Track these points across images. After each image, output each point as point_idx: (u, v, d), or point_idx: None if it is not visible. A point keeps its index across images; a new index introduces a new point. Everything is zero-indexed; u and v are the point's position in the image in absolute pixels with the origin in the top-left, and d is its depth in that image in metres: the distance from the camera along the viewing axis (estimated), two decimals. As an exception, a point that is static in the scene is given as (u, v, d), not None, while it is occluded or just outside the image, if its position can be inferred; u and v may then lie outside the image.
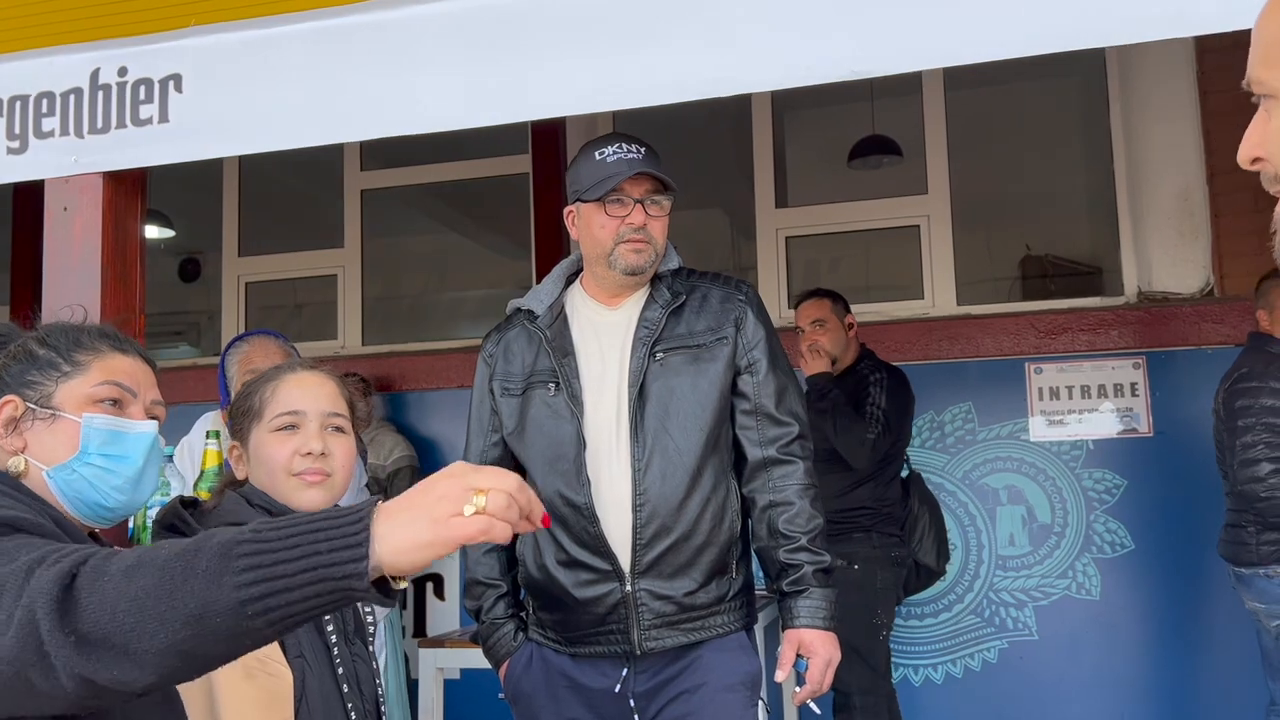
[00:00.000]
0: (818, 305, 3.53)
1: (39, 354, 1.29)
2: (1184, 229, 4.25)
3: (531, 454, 1.98)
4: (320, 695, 1.40)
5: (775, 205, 4.76)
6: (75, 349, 1.30)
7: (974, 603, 4.19)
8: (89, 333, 1.33)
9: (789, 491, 1.94)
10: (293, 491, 1.50)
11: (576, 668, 1.95)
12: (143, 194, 2.18)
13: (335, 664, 1.44)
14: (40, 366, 1.28)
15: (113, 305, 2.08)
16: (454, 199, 5.62)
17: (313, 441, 1.51)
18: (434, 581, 4.67)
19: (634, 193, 1.94)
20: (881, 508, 3.36)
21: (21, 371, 1.28)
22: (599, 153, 1.96)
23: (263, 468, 1.51)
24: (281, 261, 5.40)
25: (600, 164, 1.94)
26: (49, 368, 1.28)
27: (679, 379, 1.93)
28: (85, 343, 1.31)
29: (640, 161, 1.93)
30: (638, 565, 1.88)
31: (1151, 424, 4.10)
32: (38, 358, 1.29)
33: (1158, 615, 4.02)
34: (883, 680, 3.37)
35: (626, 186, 1.93)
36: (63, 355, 1.29)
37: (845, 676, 2.06)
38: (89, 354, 1.30)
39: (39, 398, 1.27)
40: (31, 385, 1.27)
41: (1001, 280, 5.54)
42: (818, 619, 1.91)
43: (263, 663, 1.34)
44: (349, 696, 1.44)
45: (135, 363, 1.34)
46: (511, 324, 2.09)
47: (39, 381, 1.27)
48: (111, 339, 1.33)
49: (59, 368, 1.28)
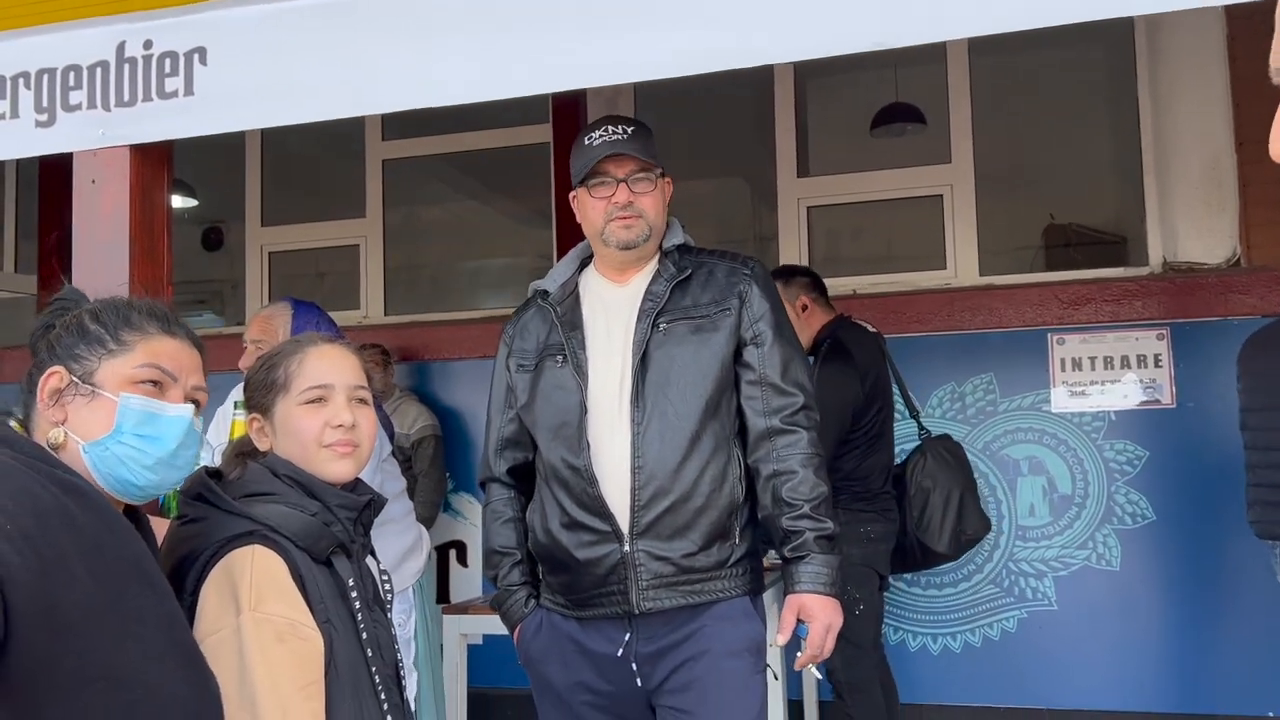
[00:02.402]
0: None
1: (89, 329, 1.32)
2: (1211, 198, 4.21)
3: (539, 423, 2.03)
4: (347, 659, 1.43)
5: (797, 174, 4.73)
6: (123, 328, 1.32)
7: (993, 573, 4.20)
8: (140, 312, 1.35)
9: (792, 460, 1.96)
10: (324, 463, 1.51)
11: (583, 632, 1.98)
12: (169, 167, 2.20)
13: (360, 630, 1.47)
14: (88, 341, 1.31)
15: (141, 278, 2.10)
16: (475, 168, 5.62)
17: (343, 413, 1.53)
18: (457, 548, 4.73)
19: (617, 173, 2.00)
20: (849, 485, 3.18)
21: (72, 344, 1.31)
22: (587, 138, 2.02)
23: (292, 439, 1.53)
24: (304, 231, 5.43)
25: (587, 149, 2.01)
26: (96, 344, 1.31)
27: (681, 348, 1.97)
28: (135, 322, 1.33)
29: (619, 143, 1.98)
30: (636, 526, 1.92)
31: (1175, 395, 4.08)
32: (88, 332, 1.32)
33: (1178, 586, 4.02)
34: (868, 655, 3.28)
35: (609, 168, 2.00)
36: (110, 333, 1.31)
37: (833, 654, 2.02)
38: (136, 334, 1.32)
39: (83, 373, 1.29)
40: (78, 359, 1.30)
41: (1024, 249, 5.51)
42: (819, 584, 1.93)
43: (294, 626, 1.36)
44: (372, 661, 1.47)
45: (182, 346, 1.36)
46: (529, 306, 2.15)
47: (85, 356, 1.30)
48: (161, 320, 1.35)
49: (105, 345, 1.31)
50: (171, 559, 1.43)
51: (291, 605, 1.38)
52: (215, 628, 1.35)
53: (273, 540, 1.41)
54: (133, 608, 1.16)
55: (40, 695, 1.05)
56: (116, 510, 1.24)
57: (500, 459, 2.13)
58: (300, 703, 1.35)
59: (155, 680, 1.16)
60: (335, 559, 1.47)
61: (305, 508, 1.46)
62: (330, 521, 1.47)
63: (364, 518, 1.56)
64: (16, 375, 1.35)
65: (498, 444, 2.13)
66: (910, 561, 3.39)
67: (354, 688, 1.43)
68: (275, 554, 1.40)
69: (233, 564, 1.38)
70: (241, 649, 1.33)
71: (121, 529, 1.20)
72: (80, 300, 1.39)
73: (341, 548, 1.49)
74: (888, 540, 3.29)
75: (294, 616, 1.37)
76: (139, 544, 1.22)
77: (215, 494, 1.45)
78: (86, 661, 1.09)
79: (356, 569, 1.52)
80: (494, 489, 2.15)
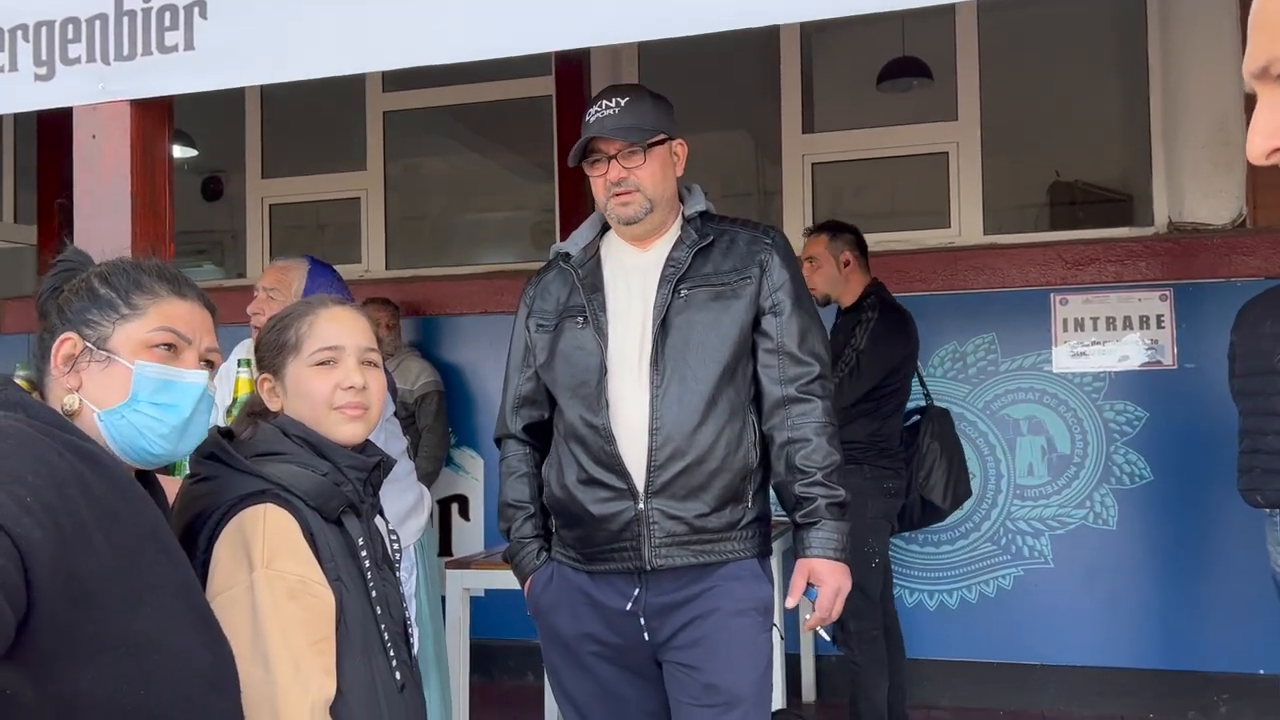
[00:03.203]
0: (814, 243, 3.51)
1: (100, 293, 1.30)
2: (1219, 158, 4.17)
3: (558, 381, 2.05)
4: (357, 617, 1.45)
5: (802, 130, 4.69)
6: (135, 291, 1.30)
7: (990, 531, 4.24)
8: (150, 274, 1.33)
9: (807, 429, 1.99)
10: (334, 425, 1.52)
11: (594, 585, 2.02)
12: (170, 122, 2.18)
13: (370, 589, 1.49)
14: (100, 306, 1.29)
15: (143, 233, 2.09)
16: (476, 121, 5.58)
17: (353, 375, 1.53)
18: (459, 502, 4.76)
19: (609, 149, 2.00)
20: (876, 442, 3.36)
21: (82, 309, 1.29)
22: (586, 115, 2.03)
23: (303, 400, 1.53)
24: (305, 184, 5.39)
25: (585, 126, 2.02)
26: (108, 308, 1.29)
27: (702, 314, 1.98)
28: (145, 285, 1.31)
29: (606, 120, 1.98)
30: (651, 485, 1.94)
31: (1176, 357, 4.09)
32: (98, 296, 1.30)
33: (1173, 546, 4.05)
34: (877, 607, 3.42)
35: (600, 145, 2.00)
36: (122, 297, 1.29)
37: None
38: (147, 297, 1.30)
39: (96, 339, 1.28)
40: (91, 324, 1.28)
41: (1029, 207, 5.48)
42: (829, 550, 1.97)
43: (305, 584, 1.38)
44: (382, 618, 1.49)
45: (193, 307, 1.34)
46: (551, 267, 2.16)
47: (98, 321, 1.28)
48: (171, 282, 1.33)
49: (118, 309, 1.29)
50: (184, 517, 1.44)
51: (303, 563, 1.39)
52: (228, 585, 1.37)
53: (284, 499, 1.42)
54: (149, 575, 1.17)
55: (59, 664, 1.06)
56: (131, 477, 1.25)
57: (517, 416, 2.16)
58: (312, 658, 1.37)
59: (173, 646, 1.17)
60: (345, 518, 1.49)
61: (316, 468, 1.47)
62: (340, 482, 1.48)
63: (373, 478, 1.57)
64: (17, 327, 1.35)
65: (514, 402, 2.15)
66: (907, 521, 3.56)
67: (364, 644, 1.45)
68: (287, 513, 1.41)
69: (245, 522, 1.40)
70: (254, 606, 1.35)
71: (137, 497, 1.20)
72: (85, 261, 1.37)
73: (351, 508, 1.50)
74: (901, 496, 3.46)
75: (306, 574, 1.39)
76: (154, 511, 1.23)
77: (228, 453, 1.46)
78: (103, 629, 1.10)
79: (366, 528, 1.53)
80: (510, 445, 2.17)
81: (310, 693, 1.35)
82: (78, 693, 1.08)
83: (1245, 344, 3.07)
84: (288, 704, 1.33)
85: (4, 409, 1.18)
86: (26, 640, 1.02)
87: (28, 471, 1.06)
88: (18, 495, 1.03)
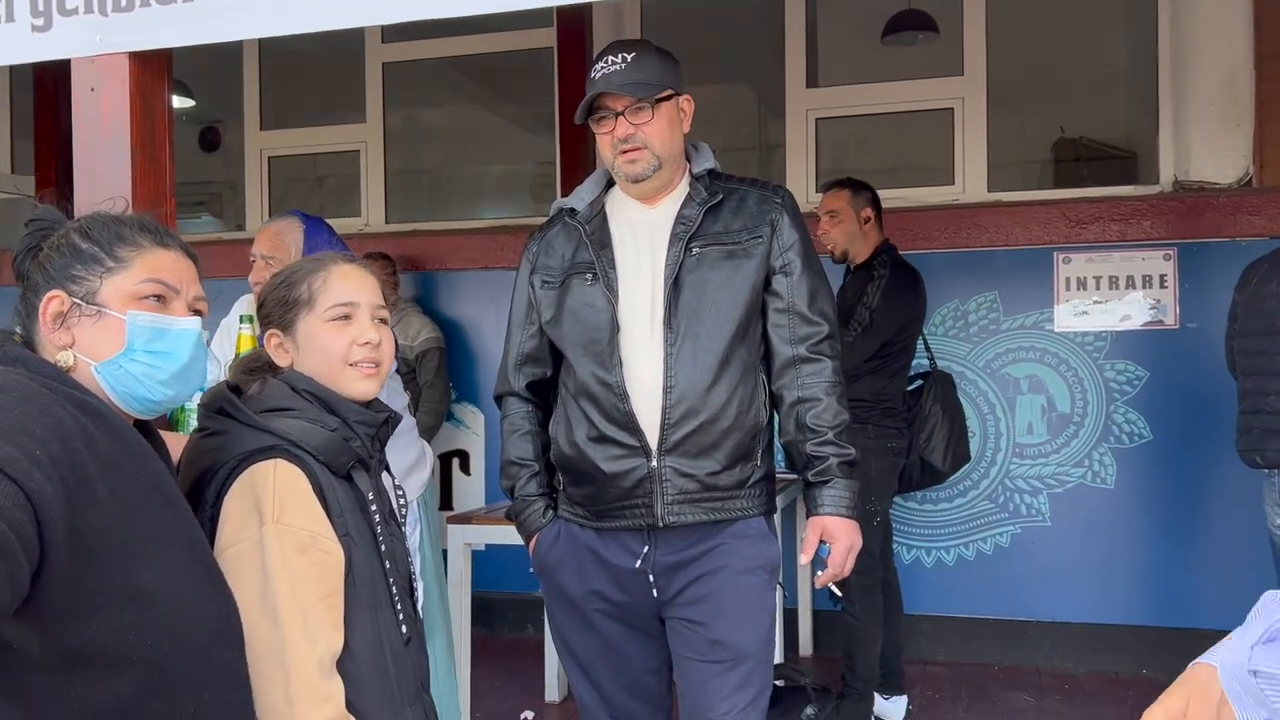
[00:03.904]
0: (835, 197, 3.53)
1: (82, 247, 1.29)
2: (1226, 115, 4.14)
3: (568, 338, 2.04)
4: (365, 571, 1.46)
5: (806, 85, 4.64)
6: (117, 243, 1.29)
7: (989, 489, 4.26)
8: (130, 225, 1.32)
9: (817, 388, 2.00)
10: (349, 382, 1.52)
11: (601, 542, 2.02)
12: (169, 74, 2.15)
13: (379, 543, 1.50)
14: (84, 261, 1.28)
15: (144, 187, 2.07)
16: (476, 73, 5.51)
17: (369, 331, 1.53)
18: (460, 457, 4.78)
19: (616, 106, 1.97)
20: (880, 401, 3.40)
21: (65, 265, 1.28)
22: (592, 71, 1.99)
23: (317, 356, 1.53)
24: (304, 136, 5.35)
25: (590, 82, 1.99)
26: (92, 262, 1.28)
27: (714, 273, 1.98)
28: (127, 237, 1.30)
29: (614, 75, 1.95)
30: (665, 443, 1.95)
31: (1178, 316, 4.08)
32: (81, 251, 1.29)
33: (1170, 505, 4.08)
34: (877, 563, 3.48)
35: (607, 101, 1.97)
36: (105, 250, 1.29)
37: None
38: (131, 249, 1.29)
39: (84, 293, 1.27)
40: (76, 280, 1.27)
41: (1034, 164, 5.44)
42: (841, 507, 1.99)
43: (315, 539, 1.39)
44: (390, 573, 1.51)
45: (177, 257, 1.33)
46: (554, 223, 2.13)
47: (84, 276, 1.27)
48: (153, 233, 1.33)
49: (102, 263, 1.28)
50: (191, 471, 1.45)
51: (313, 518, 1.40)
52: (237, 539, 1.38)
53: (294, 455, 1.43)
54: (153, 527, 1.18)
55: (64, 617, 1.07)
56: (134, 430, 1.25)
57: (519, 374, 2.14)
58: (321, 613, 1.38)
59: (178, 599, 1.18)
60: (355, 474, 1.50)
61: (325, 423, 1.47)
62: (349, 437, 1.49)
63: (381, 434, 1.57)
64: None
65: (517, 359, 2.14)
66: (906, 482, 3.61)
67: (371, 599, 1.47)
68: (297, 468, 1.42)
69: (255, 477, 1.40)
70: (264, 560, 1.36)
71: (139, 449, 1.21)
72: (59, 219, 1.35)
73: (360, 463, 1.50)
74: (903, 456, 3.51)
75: (315, 529, 1.40)
76: (157, 464, 1.23)
77: (237, 408, 1.46)
78: (106, 582, 1.10)
79: (375, 484, 1.54)
80: (512, 403, 2.16)
81: (318, 647, 1.36)
82: (84, 644, 1.10)
83: (1248, 304, 3.07)
84: (296, 657, 1.35)
85: (4, 364, 1.18)
86: (35, 593, 1.03)
87: (34, 424, 1.07)
88: (26, 448, 1.03)
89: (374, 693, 1.45)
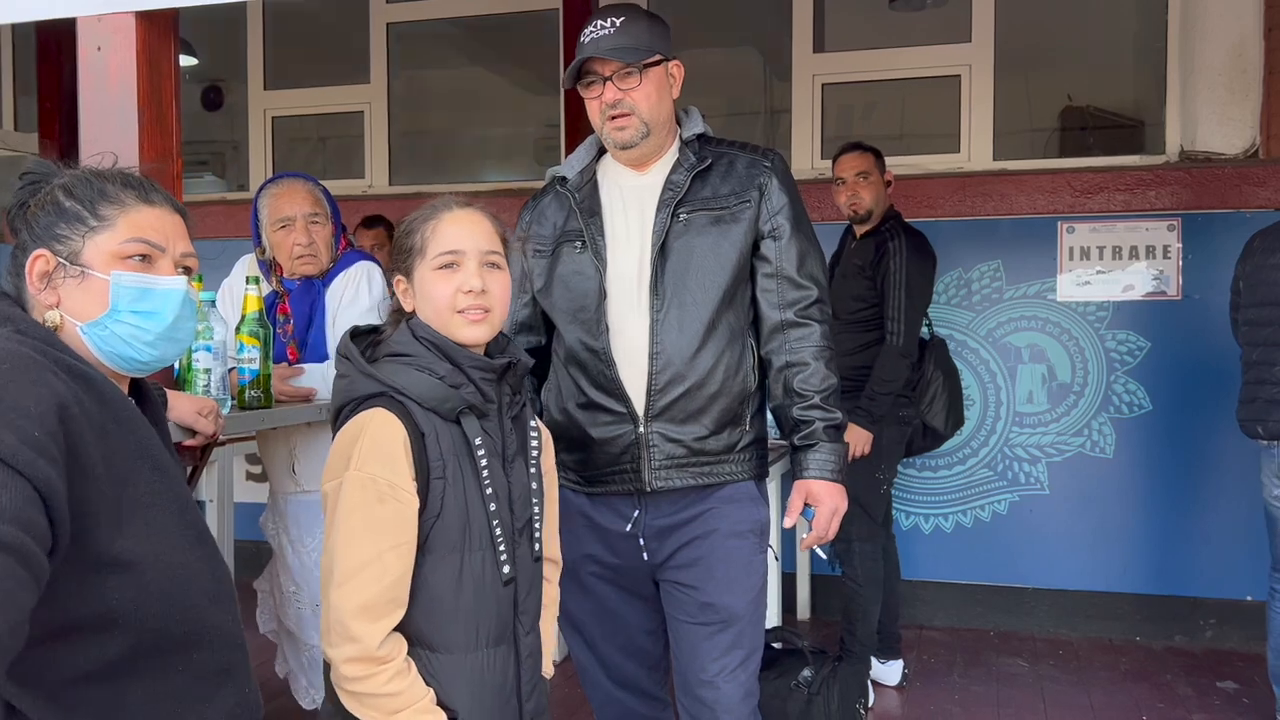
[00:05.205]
0: (862, 158, 3.52)
1: (65, 205, 1.26)
2: (1234, 85, 4.12)
3: (557, 306, 2.05)
4: (459, 512, 1.51)
5: (813, 49, 4.61)
6: (100, 201, 1.26)
7: (988, 457, 4.29)
8: (114, 181, 1.29)
9: (805, 353, 2.00)
10: (457, 328, 1.57)
11: (593, 507, 2.05)
12: (176, 34, 2.14)
13: (484, 483, 1.54)
14: (67, 220, 1.26)
15: (150, 147, 2.07)
16: (482, 33, 5.47)
17: (472, 279, 1.57)
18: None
19: (604, 70, 1.96)
20: None
21: (50, 224, 1.26)
22: (581, 36, 1.98)
23: (429, 304, 1.58)
24: (308, 96, 5.32)
25: (579, 47, 1.97)
26: (76, 221, 1.25)
27: (701, 239, 1.97)
28: (111, 194, 1.27)
29: (602, 40, 1.94)
30: (651, 409, 1.96)
31: (1181, 287, 4.09)
32: (64, 210, 1.26)
33: (1168, 475, 4.11)
34: (881, 529, 3.53)
35: (595, 66, 1.96)
36: (88, 209, 1.26)
37: (847, 526, 2.22)
38: (115, 207, 1.27)
39: (68, 253, 1.25)
40: (60, 239, 1.25)
41: (1040, 131, 5.41)
42: (826, 471, 2.00)
43: (394, 489, 1.46)
44: (495, 514, 1.54)
45: (163, 214, 1.31)
46: (546, 192, 2.14)
47: (67, 236, 1.25)
48: (137, 189, 1.29)
49: (85, 222, 1.25)
50: (333, 406, 1.58)
51: (394, 470, 1.47)
52: (332, 477, 1.50)
53: (398, 402, 1.51)
54: (144, 493, 1.18)
55: (58, 583, 1.06)
56: (123, 395, 1.24)
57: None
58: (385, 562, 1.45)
59: (166, 562, 1.18)
60: (464, 418, 1.54)
61: (435, 371, 1.54)
62: (460, 384, 1.54)
63: (507, 379, 1.62)
64: (18, 236, 1.33)
65: (511, 328, 2.15)
66: (906, 448, 3.62)
67: (462, 539, 1.52)
68: (395, 418, 1.49)
69: (355, 424, 1.50)
70: (339, 501, 1.46)
71: (126, 415, 1.20)
72: (50, 173, 1.32)
73: (471, 408, 1.55)
74: (912, 424, 3.55)
75: (395, 479, 1.47)
76: (146, 429, 1.23)
77: (353, 354, 1.56)
78: (95, 550, 1.10)
79: (498, 424, 1.59)
80: None
81: (366, 593, 1.44)
82: (71, 612, 1.10)
83: (1254, 275, 3.07)
84: (338, 597, 1.44)
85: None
86: None
87: (29, 399, 1.05)
88: (26, 432, 1.02)
89: (447, 629, 1.52)
